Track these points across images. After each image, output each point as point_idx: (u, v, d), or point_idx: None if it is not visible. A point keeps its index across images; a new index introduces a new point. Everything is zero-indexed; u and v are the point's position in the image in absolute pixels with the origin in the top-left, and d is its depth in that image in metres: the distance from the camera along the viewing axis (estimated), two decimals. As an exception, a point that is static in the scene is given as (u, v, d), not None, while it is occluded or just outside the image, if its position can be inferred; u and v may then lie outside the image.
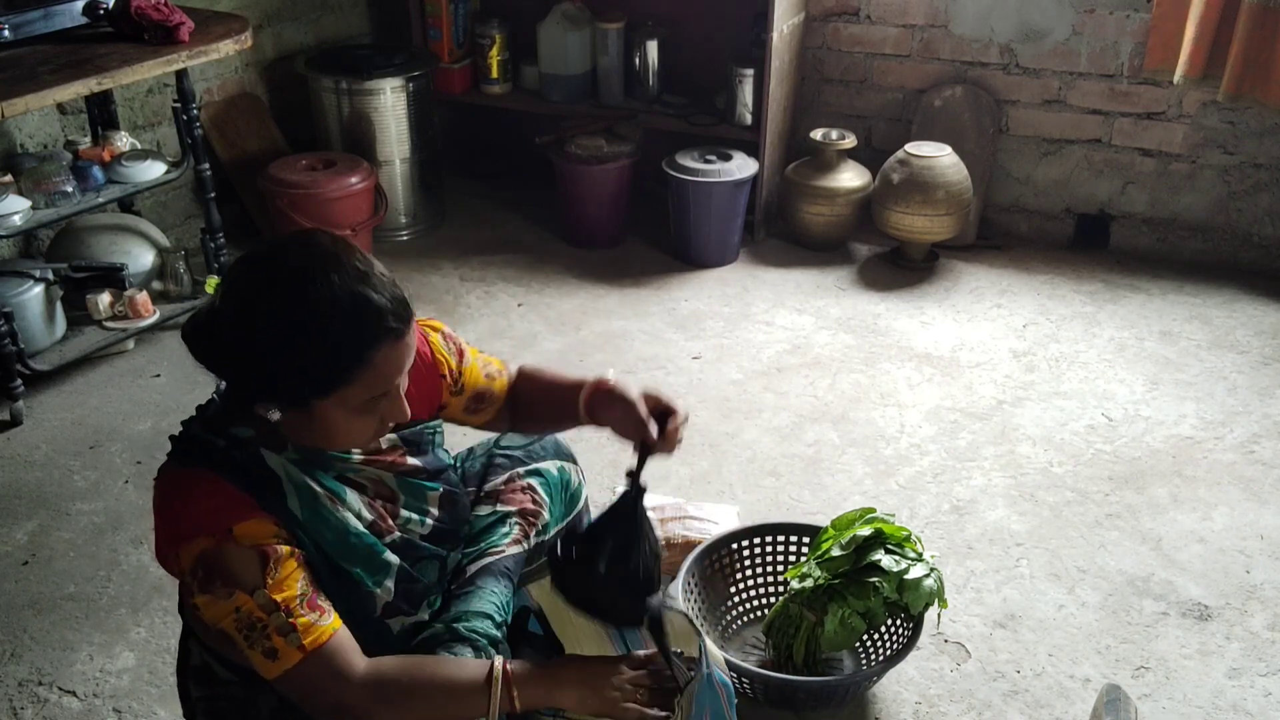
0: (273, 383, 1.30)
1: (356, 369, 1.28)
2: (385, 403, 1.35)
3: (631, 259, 3.71)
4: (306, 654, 1.32)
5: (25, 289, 2.85)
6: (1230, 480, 2.62)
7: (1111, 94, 3.58)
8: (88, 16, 2.90)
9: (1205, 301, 3.44)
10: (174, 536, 1.34)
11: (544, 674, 1.41)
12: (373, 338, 1.28)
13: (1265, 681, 2.06)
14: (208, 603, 1.32)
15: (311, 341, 1.26)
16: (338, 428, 1.34)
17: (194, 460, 1.36)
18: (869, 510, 2.08)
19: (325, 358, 1.27)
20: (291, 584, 1.32)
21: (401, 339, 1.32)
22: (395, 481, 1.50)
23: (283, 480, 1.37)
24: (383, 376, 1.31)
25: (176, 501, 1.36)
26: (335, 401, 1.31)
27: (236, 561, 1.30)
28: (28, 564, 2.36)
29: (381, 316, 1.28)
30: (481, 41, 3.97)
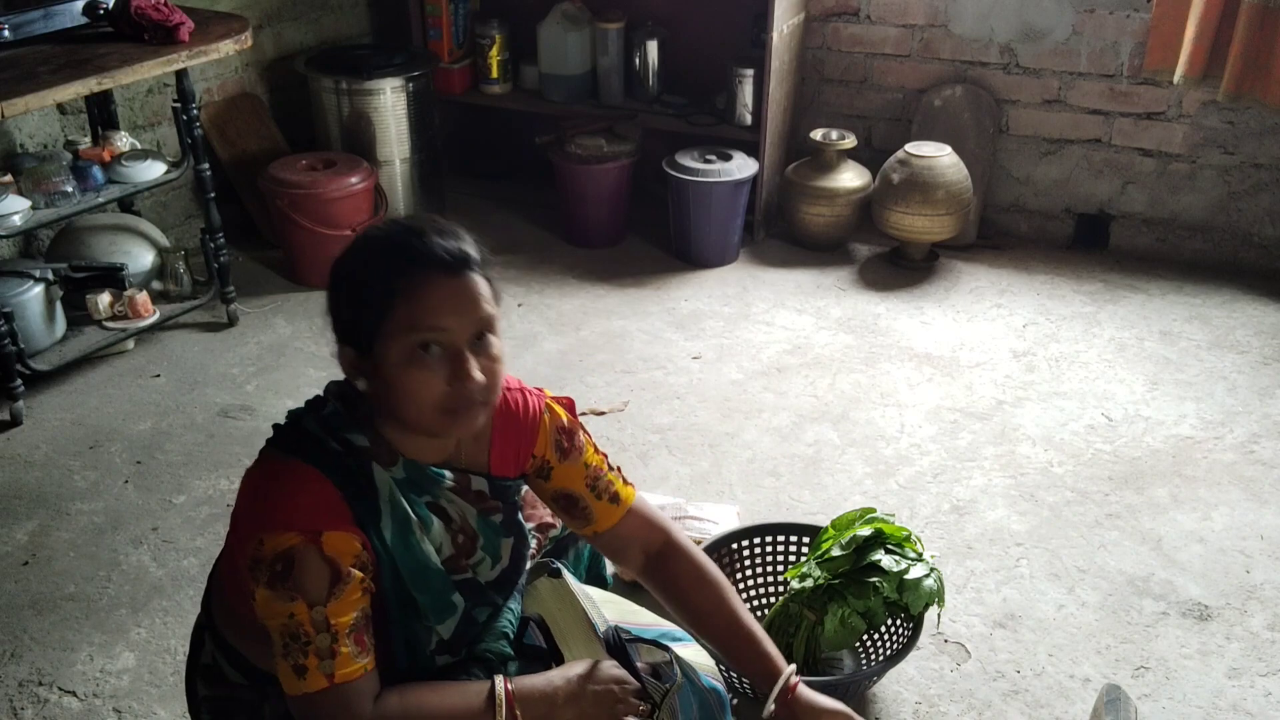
0: (341, 320, 1.36)
1: (400, 290, 1.29)
2: (448, 358, 1.32)
3: (631, 259, 3.71)
4: (331, 685, 1.29)
5: (25, 289, 2.85)
6: (1230, 480, 2.62)
7: (1111, 94, 3.58)
8: (88, 16, 2.90)
9: (1205, 301, 3.44)
10: (265, 523, 1.31)
11: (544, 690, 1.40)
12: (414, 266, 1.31)
13: (1265, 681, 2.06)
14: (267, 599, 1.29)
15: (365, 267, 1.33)
16: (400, 378, 1.31)
17: (304, 454, 1.35)
18: (869, 510, 2.08)
19: (373, 279, 1.32)
20: (350, 611, 1.30)
21: (451, 277, 1.31)
22: (477, 521, 1.49)
23: (382, 497, 1.37)
24: (428, 305, 1.30)
25: (277, 489, 1.33)
26: (388, 336, 1.30)
27: (312, 569, 1.28)
28: (28, 564, 2.36)
29: (427, 250, 1.31)
30: (481, 41, 3.97)
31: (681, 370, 3.08)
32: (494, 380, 1.35)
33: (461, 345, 1.32)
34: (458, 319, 1.31)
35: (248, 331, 3.28)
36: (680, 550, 1.62)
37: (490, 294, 1.35)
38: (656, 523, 1.63)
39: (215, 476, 2.62)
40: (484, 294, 1.34)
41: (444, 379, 1.31)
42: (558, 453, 1.55)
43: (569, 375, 3.04)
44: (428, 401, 1.32)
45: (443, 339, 1.31)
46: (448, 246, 1.32)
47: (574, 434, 1.57)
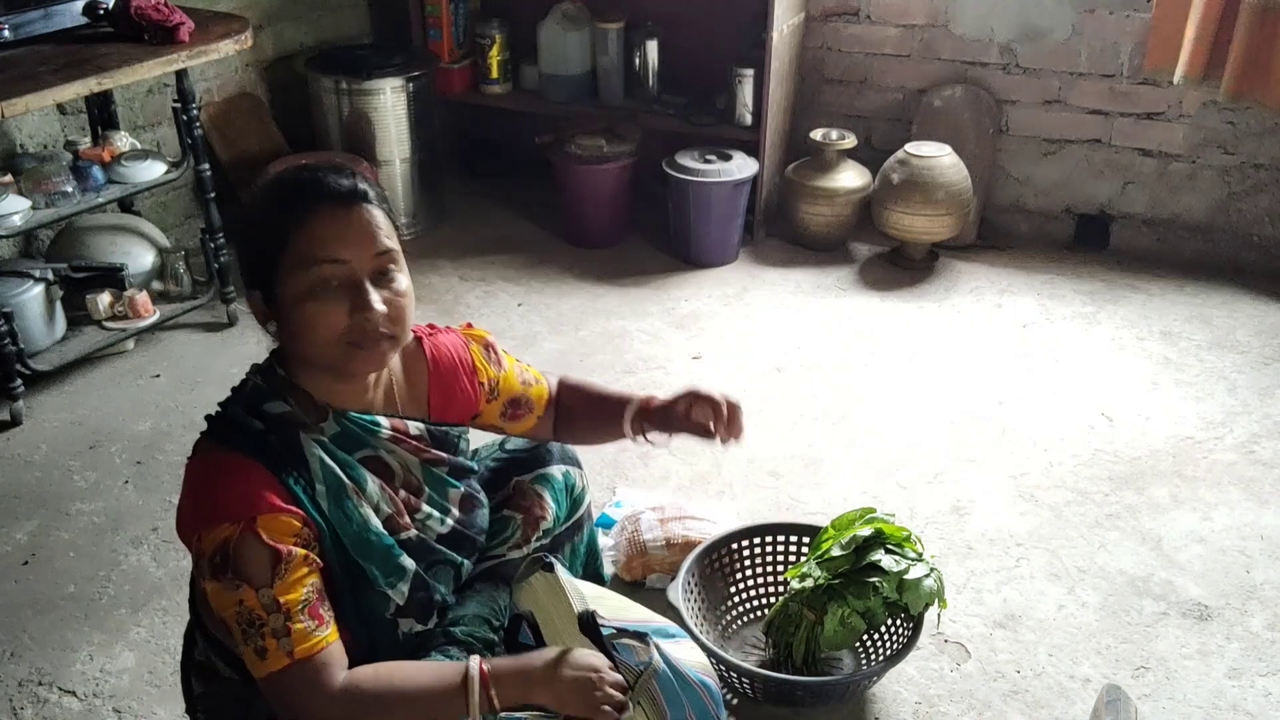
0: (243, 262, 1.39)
1: (292, 226, 1.32)
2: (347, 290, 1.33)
3: (631, 259, 3.71)
4: (293, 661, 1.31)
5: (25, 289, 2.85)
6: (1230, 480, 2.62)
7: (1111, 94, 3.58)
8: (88, 16, 2.90)
9: (1205, 301, 3.44)
10: (200, 519, 1.33)
11: (520, 672, 1.39)
12: (305, 200, 1.33)
13: (1265, 681, 2.06)
14: (216, 590, 1.31)
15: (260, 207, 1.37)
16: (304, 315, 1.33)
17: (230, 441, 1.37)
18: (869, 510, 2.08)
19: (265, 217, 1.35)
20: (298, 588, 1.32)
21: (343, 208, 1.33)
22: (421, 471, 1.51)
23: (313, 469, 1.38)
24: (320, 237, 1.32)
25: (208, 483, 1.35)
26: (287, 273, 1.32)
27: (252, 555, 1.30)
28: (28, 564, 2.36)
29: (317, 184, 1.34)
30: (481, 41, 3.97)
31: (681, 370, 3.08)
32: (399, 313, 1.37)
33: (361, 277, 1.33)
34: (353, 250, 1.33)
35: (248, 331, 3.27)
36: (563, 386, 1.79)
37: (389, 228, 1.38)
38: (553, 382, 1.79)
39: (215, 476, 2.62)
40: (381, 226, 1.36)
41: (345, 312, 1.32)
42: (495, 367, 1.65)
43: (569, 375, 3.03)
44: (329, 335, 1.33)
45: (340, 271, 1.32)
46: (340, 180, 1.34)
47: (495, 346, 1.67)
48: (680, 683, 1.59)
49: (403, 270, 1.40)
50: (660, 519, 2.30)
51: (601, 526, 2.36)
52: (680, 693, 1.59)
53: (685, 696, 1.60)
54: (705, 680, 1.65)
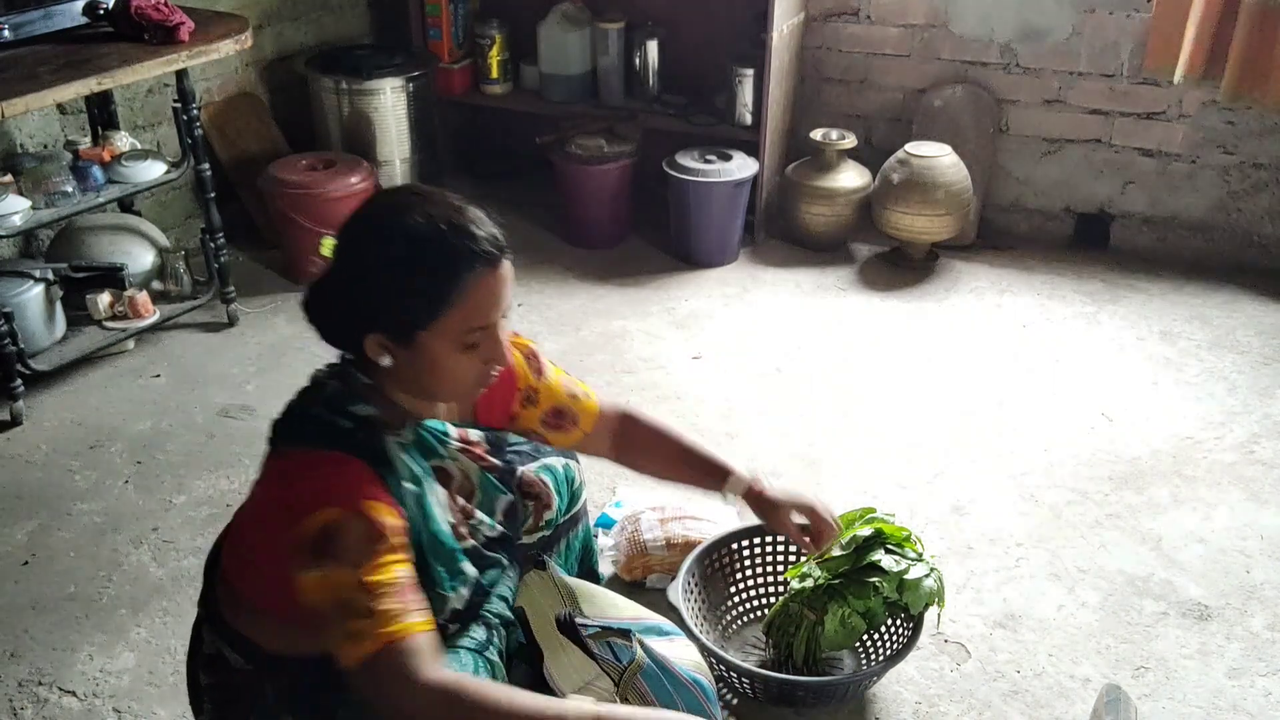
0: (381, 312, 1.35)
1: (455, 292, 1.32)
2: (486, 342, 1.38)
3: (631, 259, 3.71)
4: (381, 645, 1.27)
5: (25, 289, 2.85)
6: (1230, 480, 2.62)
7: (1111, 94, 3.58)
8: (88, 16, 2.90)
9: (1205, 301, 3.44)
10: (300, 509, 1.30)
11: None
12: (469, 262, 1.33)
13: (1265, 681, 2.06)
14: (312, 578, 1.29)
15: (413, 264, 1.32)
16: (443, 364, 1.36)
17: (320, 441, 1.36)
18: (869, 510, 2.08)
19: (425, 280, 1.32)
20: (389, 570, 1.30)
21: (498, 268, 1.36)
22: (478, 476, 1.53)
23: (399, 468, 1.39)
24: (480, 304, 1.34)
25: (307, 475, 1.34)
26: (436, 331, 1.34)
27: (353, 536, 1.29)
28: (28, 564, 2.36)
29: (476, 241, 1.34)
30: (481, 41, 3.97)
31: (681, 370, 3.08)
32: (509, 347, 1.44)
33: (498, 328, 1.38)
34: (499, 309, 1.38)
35: (248, 331, 3.28)
36: (636, 419, 1.77)
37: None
38: (616, 407, 1.77)
39: (215, 476, 2.62)
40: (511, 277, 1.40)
41: (480, 360, 1.38)
42: (535, 375, 1.67)
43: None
44: (466, 381, 1.39)
45: (489, 326, 1.37)
46: (493, 237, 1.36)
47: (538, 355, 1.69)
48: (671, 681, 1.59)
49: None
50: (660, 519, 2.30)
51: (601, 526, 2.36)
52: (672, 691, 1.59)
53: (678, 695, 1.60)
54: (698, 678, 1.65)
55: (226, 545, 1.52)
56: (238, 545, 1.48)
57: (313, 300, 1.43)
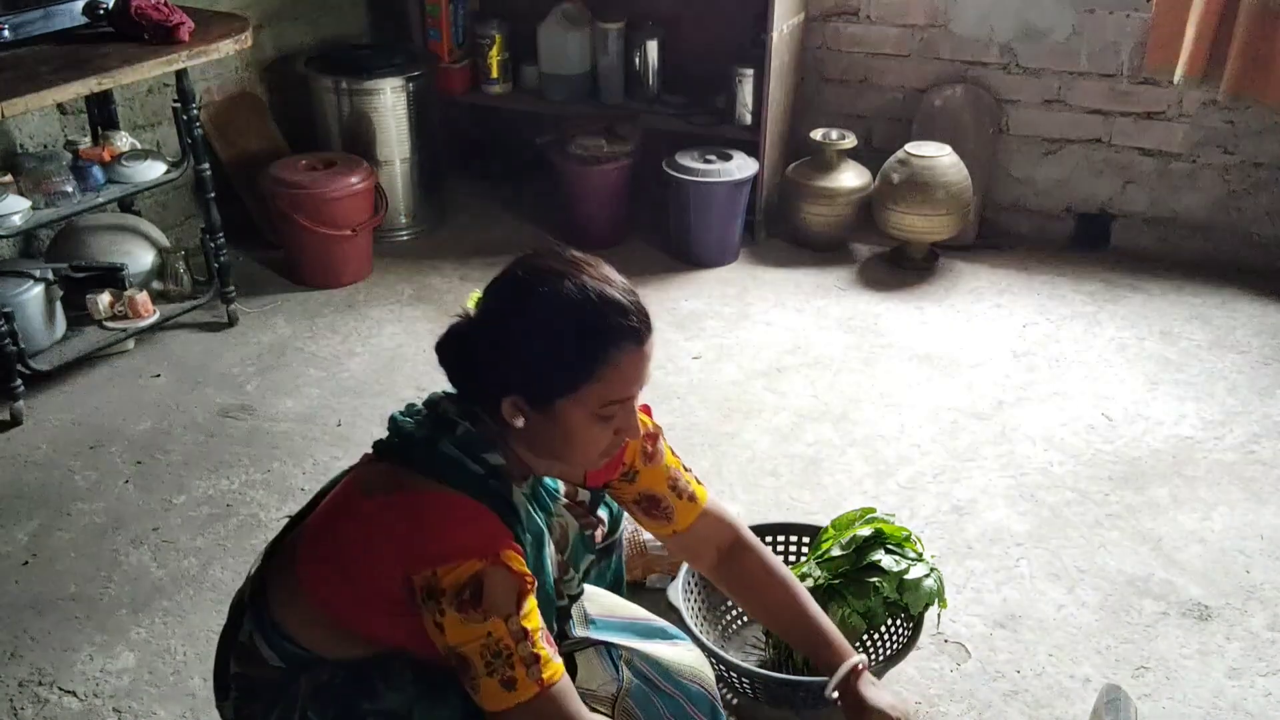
0: (525, 378, 1.35)
1: (601, 365, 1.33)
2: (621, 414, 1.38)
3: (631, 259, 3.70)
4: (543, 689, 1.31)
5: (25, 289, 2.85)
6: (1230, 480, 2.62)
7: (1111, 94, 3.58)
8: (88, 16, 2.90)
9: (1205, 301, 3.44)
10: (436, 556, 1.31)
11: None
12: (618, 335, 1.34)
13: (1265, 681, 2.06)
14: (457, 623, 1.30)
15: (563, 336, 1.33)
16: (577, 433, 1.36)
17: (450, 480, 1.37)
18: (869, 510, 2.08)
19: (573, 353, 1.33)
20: (534, 618, 1.33)
21: (643, 343, 1.36)
22: (575, 536, 1.53)
23: (523, 518, 1.40)
24: (624, 379, 1.35)
25: (440, 518, 1.34)
26: (577, 401, 1.34)
27: (500, 586, 1.30)
28: (28, 564, 2.36)
29: (626, 315, 1.34)
30: (481, 41, 3.97)
31: (681, 370, 3.08)
32: None
33: (634, 401, 1.39)
34: (640, 383, 1.38)
35: (248, 331, 3.28)
36: (749, 547, 1.69)
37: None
38: (728, 520, 1.69)
39: (215, 476, 2.63)
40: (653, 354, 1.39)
41: (612, 429, 1.38)
42: (644, 458, 1.61)
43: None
44: (596, 450, 1.39)
45: (628, 400, 1.38)
46: (642, 312, 1.36)
47: (657, 438, 1.63)
48: (661, 699, 1.60)
49: None
50: (660, 519, 2.30)
51: (602, 527, 2.36)
52: (662, 709, 1.60)
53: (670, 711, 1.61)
54: (686, 685, 1.65)
55: (307, 546, 1.47)
56: (327, 552, 1.44)
57: (449, 347, 1.43)
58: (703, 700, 1.67)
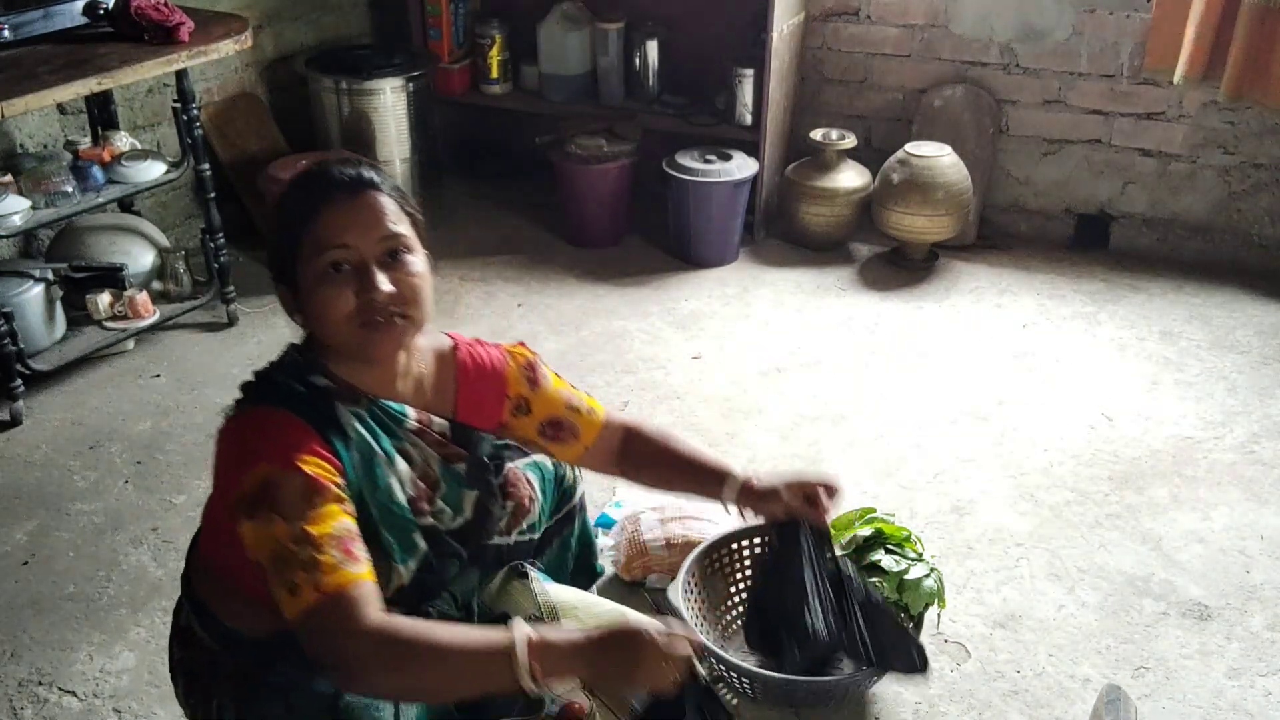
0: (270, 259, 1.46)
1: (311, 216, 1.40)
2: (356, 273, 1.40)
3: (631, 259, 3.71)
4: (323, 596, 1.28)
5: (25, 289, 2.85)
6: (1230, 480, 2.62)
7: (1111, 94, 3.58)
8: (88, 16, 2.90)
9: (1205, 301, 3.44)
10: (241, 462, 1.36)
11: (570, 645, 1.31)
12: (320, 195, 1.41)
13: (1265, 681, 2.06)
14: (251, 530, 1.32)
15: (277, 208, 1.47)
16: (317, 295, 1.40)
17: (271, 400, 1.42)
18: (869, 510, 2.08)
19: (288, 211, 1.44)
20: (328, 522, 1.32)
21: (350, 197, 1.41)
22: (440, 467, 1.54)
23: (349, 433, 1.42)
24: (333, 224, 1.39)
25: (250, 433, 1.40)
26: (305, 260, 1.40)
27: (289, 491, 1.32)
28: (28, 564, 2.36)
29: (328, 178, 1.42)
30: (481, 41, 3.97)
31: (681, 370, 3.08)
32: (411, 293, 1.43)
33: (368, 260, 1.40)
34: (359, 235, 1.40)
35: (248, 331, 3.28)
36: (637, 431, 1.77)
37: (399, 213, 1.44)
38: (619, 421, 1.77)
39: (215, 476, 2.62)
40: (388, 211, 1.43)
41: (353, 294, 1.39)
42: (529, 385, 1.66)
43: (569, 375, 2.99)
44: (340, 315, 1.40)
45: (350, 256, 1.40)
46: (345, 170, 1.43)
47: (536, 366, 1.68)
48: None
49: (416, 253, 1.45)
50: (660, 519, 2.30)
51: (601, 526, 2.36)
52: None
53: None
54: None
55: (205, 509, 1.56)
56: (206, 510, 1.54)
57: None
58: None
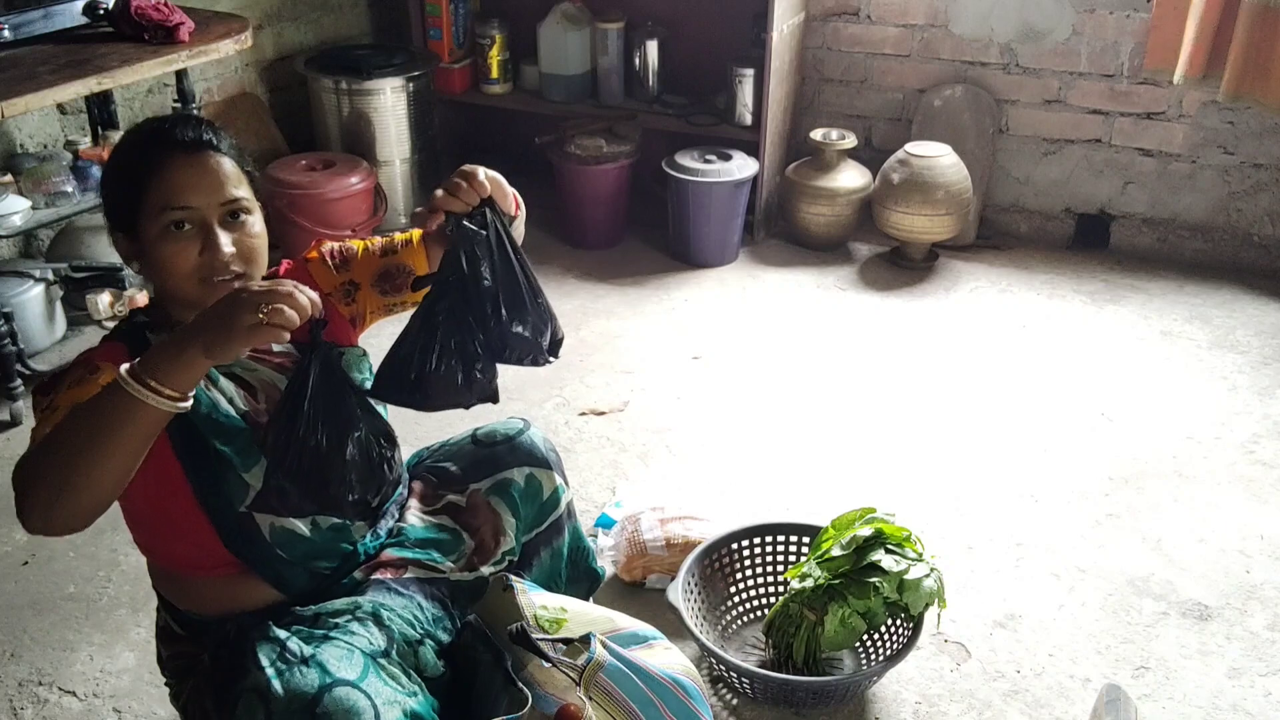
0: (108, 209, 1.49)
1: (149, 173, 1.43)
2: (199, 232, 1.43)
3: (631, 259, 3.71)
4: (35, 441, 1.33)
5: (25, 289, 2.85)
6: (1230, 480, 2.62)
7: (1111, 94, 3.58)
8: (88, 16, 2.90)
9: (1205, 301, 3.44)
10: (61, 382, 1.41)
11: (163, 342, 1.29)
12: (157, 151, 1.44)
13: (1265, 681, 2.06)
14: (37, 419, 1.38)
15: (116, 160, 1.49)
16: (157, 250, 1.43)
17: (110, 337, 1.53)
18: (869, 510, 2.08)
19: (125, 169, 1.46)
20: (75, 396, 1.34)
21: (189, 155, 1.44)
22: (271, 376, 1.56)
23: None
24: (175, 184, 1.42)
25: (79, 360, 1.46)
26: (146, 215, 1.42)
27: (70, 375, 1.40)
28: (28, 564, 2.36)
29: (170, 135, 1.45)
30: (481, 41, 3.97)
31: (681, 370, 3.08)
32: (249, 253, 1.48)
33: (210, 220, 1.44)
34: (202, 196, 1.43)
35: (248, 331, 3.27)
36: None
37: (239, 177, 1.47)
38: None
39: (215, 476, 2.62)
40: (229, 175, 1.46)
41: (196, 252, 1.43)
42: (335, 268, 1.65)
43: (569, 375, 3.04)
44: (182, 271, 1.43)
45: (192, 216, 1.43)
46: (188, 131, 1.46)
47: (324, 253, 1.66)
48: (646, 680, 1.58)
49: (255, 215, 1.50)
50: (660, 519, 2.30)
51: (601, 526, 2.36)
52: (646, 690, 1.58)
53: (657, 695, 1.59)
54: (681, 679, 1.64)
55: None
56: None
57: None
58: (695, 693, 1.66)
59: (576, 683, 1.49)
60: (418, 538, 1.68)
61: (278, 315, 1.24)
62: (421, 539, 1.68)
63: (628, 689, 1.55)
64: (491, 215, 1.53)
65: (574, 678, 1.50)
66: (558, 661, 1.51)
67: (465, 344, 1.50)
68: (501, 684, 1.54)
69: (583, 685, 1.49)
